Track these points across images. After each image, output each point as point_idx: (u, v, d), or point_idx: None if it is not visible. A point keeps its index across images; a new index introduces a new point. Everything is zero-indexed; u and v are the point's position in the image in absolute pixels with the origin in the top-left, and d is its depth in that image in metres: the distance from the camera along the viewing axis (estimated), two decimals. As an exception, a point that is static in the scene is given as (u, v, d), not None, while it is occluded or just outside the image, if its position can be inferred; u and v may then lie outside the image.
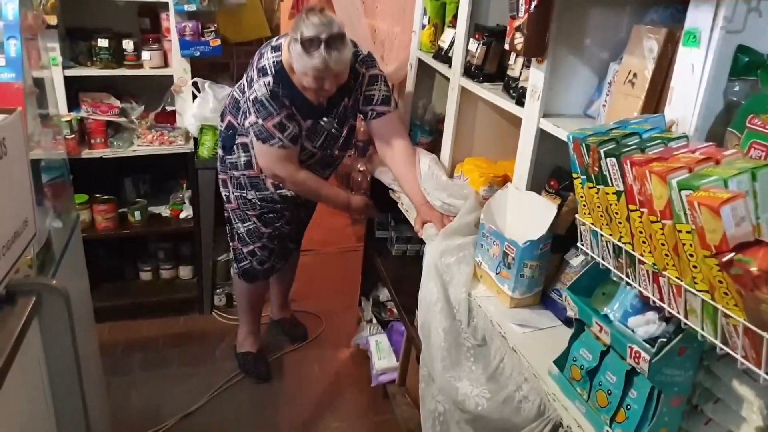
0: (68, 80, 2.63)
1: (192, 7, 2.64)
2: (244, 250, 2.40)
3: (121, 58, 2.72)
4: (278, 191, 2.22)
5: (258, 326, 2.69)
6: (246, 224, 2.33)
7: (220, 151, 2.30)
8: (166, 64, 2.79)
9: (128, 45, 2.71)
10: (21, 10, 1.54)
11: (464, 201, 1.80)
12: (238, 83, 2.18)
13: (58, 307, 1.14)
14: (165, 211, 2.96)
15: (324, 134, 2.09)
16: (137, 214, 2.83)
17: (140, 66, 2.75)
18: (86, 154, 2.63)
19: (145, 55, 2.74)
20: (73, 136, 2.58)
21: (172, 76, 2.76)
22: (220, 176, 2.34)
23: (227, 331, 2.85)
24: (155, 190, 3.06)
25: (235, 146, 2.19)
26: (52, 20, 2.51)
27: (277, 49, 1.98)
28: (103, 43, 2.66)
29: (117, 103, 2.73)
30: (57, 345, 1.21)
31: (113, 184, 2.91)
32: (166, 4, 2.67)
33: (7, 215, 1.05)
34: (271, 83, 1.94)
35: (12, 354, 0.95)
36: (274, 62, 1.96)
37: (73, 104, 2.68)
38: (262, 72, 1.96)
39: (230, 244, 2.46)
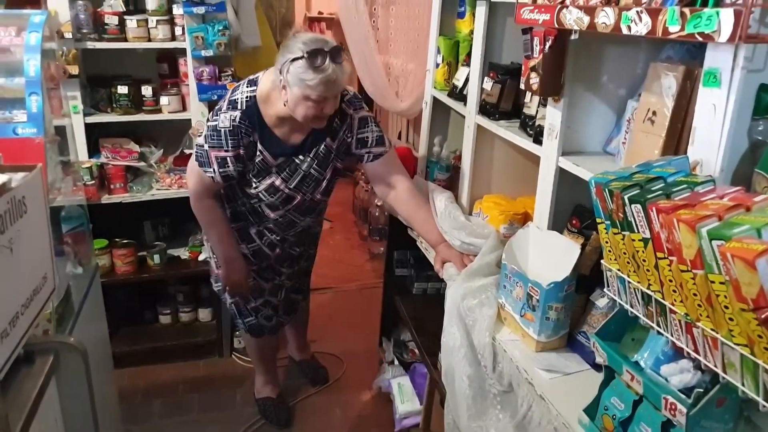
0: (89, 127, 2.68)
1: (209, 53, 2.69)
2: (248, 306, 2.33)
3: (140, 104, 2.77)
4: (264, 239, 2.15)
5: (275, 373, 2.65)
6: (253, 244, 2.22)
7: None
8: (184, 108, 2.83)
9: (147, 91, 2.76)
10: (44, 62, 1.58)
11: (484, 240, 1.77)
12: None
13: (76, 364, 1.13)
14: (184, 253, 2.96)
15: (300, 175, 1.97)
16: (156, 257, 2.84)
17: (159, 111, 2.80)
18: (106, 199, 2.66)
19: (164, 100, 2.79)
20: (93, 182, 2.61)
21: (190, 120, 2.80)
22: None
23: (247, 374, 2.82)
24: (174, 232, 3.07)
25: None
26: (74, 70, 2.58)
27: (253, 83, 1.90)
28: (122, 89, 2.71)
29: (136, 148, 2.77)
30: (74, 402, 1.20)
31: (133, 228, 2.92)
32: (184, 50, 2.73)
33: (27, 273, 1.05)
34: (237, 118, 1.85)
35: (30, 417, 0.93)
36: (247, 97, 1.87)
37: (93, 150, 2.72)
38: (232, 105, 1.87)
39: (230, 301, 2.34)
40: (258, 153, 1.91)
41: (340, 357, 3.00)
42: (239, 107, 1.86)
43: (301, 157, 1.95)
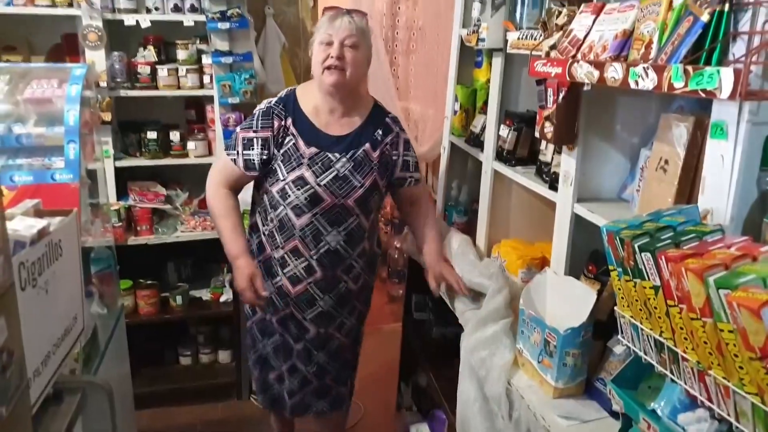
0: (118, 170, 2.79)
1: (235, 100, 2.81)
2: (271, 376, 2.07)
3: (167, 148, 2.88)
4: (286, 270, 1.91)
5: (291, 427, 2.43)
6: (273, 338, 2.02)
7: None
8: (210, 153, 2.93)
9: (175, 136, 2.87)
10: (81, 111, 1.67)
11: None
12: None
13: (102, 404, 1.16)
14: (206, 294, 3.01)
15: (333, 174, 1.84)
16: (179, 298, 2.89)
17: (186, 155, 2.90)
18: (132, 241, 2.74)
19: (191, 145, 2.89)
20: (120, 223, 2.70)
21: (215, 165, 2.89)
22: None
23: (264, 417, 2.81)
24: (197, 274, 3.13)
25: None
26: (107, 117, 2.70)
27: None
28: (151, 135, 2.83)
29: (163, 191, 2.86)
30: (99, 440, 1.23)
31: (156, 268, 2.99)
32: (212, 97, 2.85)
33: (59, 314, 1.10)
34: (273, 101, 1.90)
35: (57, 455, 0.97)
36: (287, 90, 1.95)
37: (121, 192, 2.82)
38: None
39: (254, 375, 2.15)
40: (290, 138, 1.85)
41: (358, 401, 2.98)
42: (278, 96, 1.93)
43: (336, 154, 1.86)
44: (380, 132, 1.93)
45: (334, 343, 2.05)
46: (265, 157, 1.85)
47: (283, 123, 1.85)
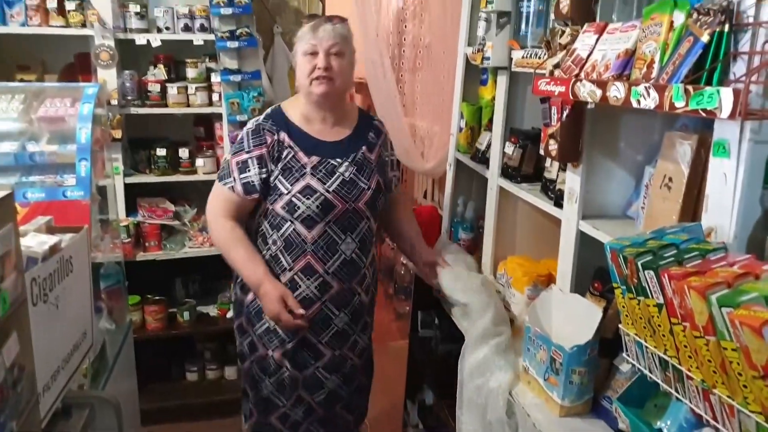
0: (128, 187, 2.83)
1: (243, 117, 2.84)
2: (273, 417, 1.94)
3: (176, 165, 2.91)
4: (298, 291, 1.81)
5: None
6: (275, 376, 1.89)
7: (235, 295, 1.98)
8: (218, 170, 2.96)
9: (184, 153, 2.91)
10: (93, 128, 1.70)
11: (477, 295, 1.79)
12: None
13: (110, 419, 1.17)
14: (213, 310, 3.03)
15: (340, 179, 1.80)
16: (186, 314, 2.91)
17: (194, 172, 2.94)
18: (141, 256, 2.76)
19: (199, 161, 2.93)
20: (129, 239, 2.73)
21: (223, 181, 2.91)
22: (235, 322, 1.99)
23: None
24: (204, 290, 3.15)
25: None
26: (117, 134, 2.75)
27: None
28: (161, 151, 2.87)
29: (171, 207, 2.89)
30: (106, 456, 1.23)
31: (164, 284, 3.01)
32: (220, 115, 2.89)
33: (69, 329, 1.12)
34: (260, 119, 1.84)
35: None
36: (272, 108, 1.91)
37: (130, 209, 2.85)
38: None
39: (249, 419, 2.01)
40: (287, 151, 1.79)
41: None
42: (265, 113, 1.89)
43: (338, 159, 1.83)
44: (372, 134, 1.94)
45: (347, 365, 1.96)
46: (264, 175, 1.78)
47: (276, 137, 1.79)
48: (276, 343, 1.87)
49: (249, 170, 1.77)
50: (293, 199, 1.76)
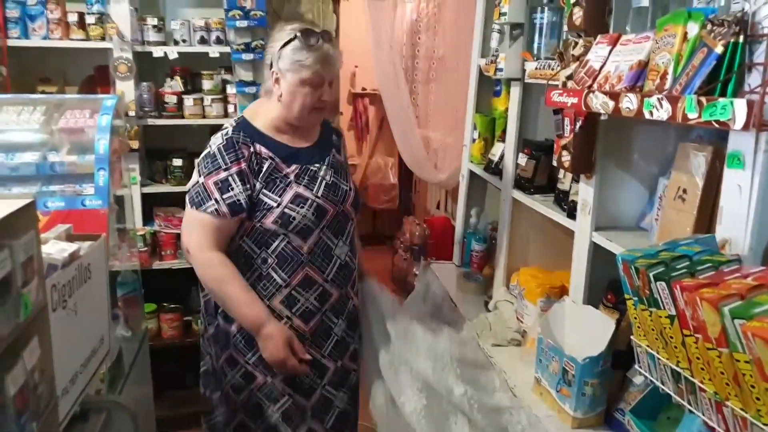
0: (144, 196, 2.86)
1: (259, 128, 2.87)
2: None
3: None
4: (296, 308, 1.69)
5: None
6: (281, 401, 1.75)
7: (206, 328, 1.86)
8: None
9: (200, 164, 2.94)
10: (110, 139, 1.74)
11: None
12: None
13: (126, 424, 1.19)
14: (227, 318, 3.04)
15: (323, 184, 1.71)
16: (201, 322, 2.92)
17: (210, 182, 2.96)
18: (157, 265, 2.79)
19: (215, 172, 2.95)
20: (146, 248, 2.76)
21: (238, 191, 2.94)
22: (222, 357, 1.80)
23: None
24: (219, 298, 3.16)
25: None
26: (135, 145, 2.79)
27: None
28: (177, 162, 2.90)
29: (187, 216, 2.92)
30: (121, 462, 1.25)
31: (180, 292, 3.03)
32: (236, 125, 2.92)
33: (87, 335, 1.14)
34: (230, 131, 1.65)
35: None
36: (234, 121, 1.73)
37: (147, 218, 2.89)
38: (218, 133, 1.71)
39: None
40: (268, 162, 1.65)
41: (373, 427, 2.97)
42: (229, 126, 1.71)
43: (316, 164, 1.73)
44: (335, 137, 1.87)
45: (352, 378, 1.88)
46: (249, 192, 1.62)
47: (252, 149, 1.63)
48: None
49: (232, 189, 1.60)
50: (286, 210, 1.64)
